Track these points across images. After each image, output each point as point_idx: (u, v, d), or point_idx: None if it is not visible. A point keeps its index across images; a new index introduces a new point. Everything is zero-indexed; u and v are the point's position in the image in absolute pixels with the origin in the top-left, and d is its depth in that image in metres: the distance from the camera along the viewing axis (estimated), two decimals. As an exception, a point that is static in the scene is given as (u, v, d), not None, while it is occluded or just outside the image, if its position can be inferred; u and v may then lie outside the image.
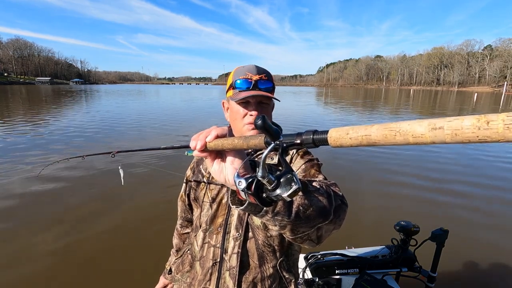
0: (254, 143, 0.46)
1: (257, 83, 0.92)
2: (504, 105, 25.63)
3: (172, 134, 9.13)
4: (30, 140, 7.98)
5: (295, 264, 1.04)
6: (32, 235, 3.19)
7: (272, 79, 0.98)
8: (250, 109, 0.92)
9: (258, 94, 0.90)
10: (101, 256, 2.83)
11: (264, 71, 0.95)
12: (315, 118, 14.35)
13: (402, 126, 0.29)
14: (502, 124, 0.22)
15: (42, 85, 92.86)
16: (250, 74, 0.93)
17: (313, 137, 0.38)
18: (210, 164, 0.54)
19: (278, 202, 0.55)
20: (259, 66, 0.96)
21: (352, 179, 5.15)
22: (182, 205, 1.21)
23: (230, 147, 0.49)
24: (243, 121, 0.93)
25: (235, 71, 0.98)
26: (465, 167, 5.95)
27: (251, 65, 0.96)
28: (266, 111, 0.96)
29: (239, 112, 0.93)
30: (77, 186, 4.63)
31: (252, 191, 0.43)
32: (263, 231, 0.94)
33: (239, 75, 0.94)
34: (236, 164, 0.52)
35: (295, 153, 0.97)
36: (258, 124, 0.40)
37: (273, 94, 0.97)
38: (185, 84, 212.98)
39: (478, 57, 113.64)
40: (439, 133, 0.26)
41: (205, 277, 0.97)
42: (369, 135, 0.32)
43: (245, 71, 0.94)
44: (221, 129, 0.52)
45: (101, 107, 18.81)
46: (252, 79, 0.92)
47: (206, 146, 0.51)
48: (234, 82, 0.94)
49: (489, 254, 2.94)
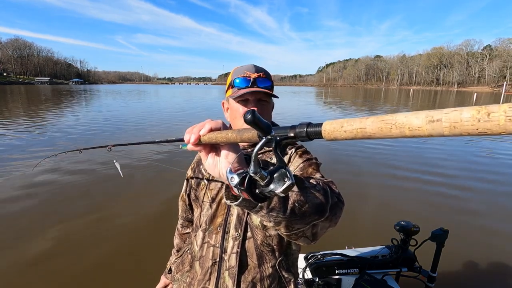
0: (247, 136, 0.45)
1: (255, 81, 0.93)
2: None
3: (176, 131, 9.18)
4: (35, 136, 7.97)
5: (294, 264, 1.04)
6: (32, 235, 3.19)
7: (270, 78, 0.98)
8: (249, 107, 0.92)
9: (257, 91, 0.91)
10: (101, 256, 2.83)
11: (262, 70, 0.96)
12: (315, 117, 14.36)
13: (398, 119, 0.28)
14: (504, 115, 0.22)
15: (41, 85, 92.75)
16: (249, 72, 0.94)
17: (306, 130, 0.37)
18: (205, 158, 0.53)
19: (273, 198, 0.55)
20: (258, 65, 0.97)
21: (351, 179, 5.15)
22: (182, 205, 1.22)
23: (224, 141, 0.48)
24: (242, 119, 0.93)
25: (234, 70, 0.99)
26: (466, 167, 5.95)
27: (249, 65, 0.97)
28: (266, 109, 0.96)
29: (238, 111, 0.94)
30: (75, 182, 4.63)
31: (244, 187, 0.42)
32: (262, 230, 0.94)
33: (237, 74, 0.95)
34: (230, 158, 0.51)
35: (294, 153, 0.97)
36: (248, 119, 0.39)
37: (272, 92, 0.98)
38: (185, 84, 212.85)
39: (477, 57, 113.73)
40: (437, 125, 0.25)
41: (205, 276, 0.97)
42: (364, 128, 0.31)
43: (243, 70, 0.95)
44: (215, 122, 0.51)
45: (107, 106, 18.80)
46: (250, 77, 0.93)
47: (200, 140, 0.51)
48: (233, 81, 0.95)
49: (489, 254, 2.94)
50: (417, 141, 8.39)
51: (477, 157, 6.85)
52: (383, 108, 21.27)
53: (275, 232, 0.95)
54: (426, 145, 7.91)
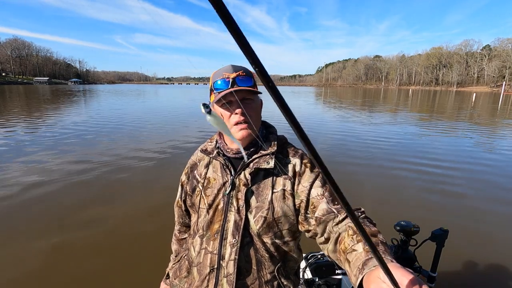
0: None
1: (235, 80, 0.90)
2: (503, 105, 25.72)
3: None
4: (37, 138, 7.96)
5: (293, 271, 1.03)
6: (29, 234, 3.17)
7: (251, 75, 0.95)
8: (234, 108, 0.90)
9: (238, 90, 0.88)
10: (101, 260, 2.82)
11: (241, 68, 0.94)
12: (316, 117, 14.35)
13: None
14: None
15: (40, 85, 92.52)
16: (227, 73, 0.91)
17: None
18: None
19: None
20: (236, 65, 0.95)
21: (351, 179, 5.14)
22: (178, 211, 1.19)
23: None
24: (230, 122, 0.91)
25: (213, 75, 0.96)
26: (466, 167, 5.95)
27: (227, 65, 0.95)
28: (252, 108, 0.93)
29: (224, 114, 0.92)
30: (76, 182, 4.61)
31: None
32: (259, 237, 0.93)
33: (216, 77, 0.93)
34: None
35: (301, 164, 0.96)
36: None
37: (256, 89, 0.95)
38: (184, 84, 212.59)
39: (476, 57, 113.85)
40: None
41: (203, 283, 0.96)
42: None
43: (221, 72, 0.93)
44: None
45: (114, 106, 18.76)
46: (229, 78, 0.90)
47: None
48: (213, 85, 0.93)
49: (489, 254, 2.94)
50: (417, 140, 8.40)
51: (479, 156, 6.85)
52: (383, 108, 21.28)
53: (273, 240, 0.94)
54: (427, 147, 7.91)
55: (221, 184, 0.97)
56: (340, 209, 0.85)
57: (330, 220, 0.84)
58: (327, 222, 0.85)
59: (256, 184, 0.94)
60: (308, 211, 0.90)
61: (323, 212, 0.86)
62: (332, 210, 0.85)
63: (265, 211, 0.92)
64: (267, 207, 0.92)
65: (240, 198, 0.93)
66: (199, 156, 1.09)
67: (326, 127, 11.13)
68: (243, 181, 0.94)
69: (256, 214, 0.92)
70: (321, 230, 0.86)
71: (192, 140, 8.23)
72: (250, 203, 0.93)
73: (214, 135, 1.09)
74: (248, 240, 0.93)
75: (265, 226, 0.92)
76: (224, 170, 0.98)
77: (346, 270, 0.68)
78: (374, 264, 0.59)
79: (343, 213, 0.83)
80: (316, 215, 0.87)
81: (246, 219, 0.92)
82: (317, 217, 0.87)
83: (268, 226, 0.92)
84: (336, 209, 0.85)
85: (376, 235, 0.73)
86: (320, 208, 0.87)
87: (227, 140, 1.01)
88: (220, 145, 1.02)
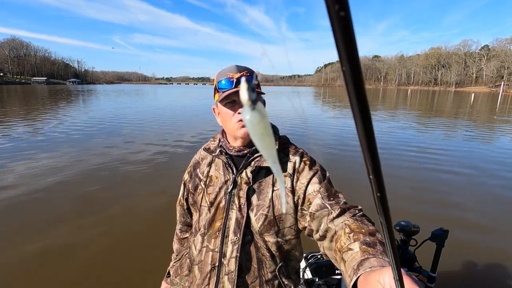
0: None
1: (239, 80, 0.92)
2: (501, 105, 25.80)
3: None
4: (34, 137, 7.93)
5: (294, 270, 1.04)
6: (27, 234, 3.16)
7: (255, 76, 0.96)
8: (237, 108, 0.92)
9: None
10: (101, 260, 2.81)
11: (245, 69, 0.95)
12: (315, 117, 14.36)
13: None
14: None
15: (38, 85, 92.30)
16: (231, 73, 0.93)
17: None
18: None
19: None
20: (240, 65, 0.96)
21: (350, 178, 5.14)
22: (180, 210, 1.20)
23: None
24: (232, 120, 0.93)
25: (217, 75, 0.98)
26: (466, 167, 5.96)
27: (231, 66, 0.97)
28: None
29: (228, 113, 0.94)
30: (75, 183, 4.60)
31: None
32: (261, 236, 0.94)
33: (221, 77, 0.94)
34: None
35: (300, 162, 0.96)
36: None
37: (259, 90, 0.96)
38: (183, 84, 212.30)
39: (475, 57, 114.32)
40: None
41: (204, 281, 0.96)
42: None
43: (226, 72, 0.94)
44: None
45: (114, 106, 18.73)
46: (233, 78, 0.92)
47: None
48: (218, 85, 0.95)
49: (489, 254, 2.94)
50: (416, 138, 8.41)
51: (480, 157, 6.86)
52: (382, 107, 21.32)
53: (274, 239, 0.95)
54: (426, 143, 7.93)
55: (223, 182, 0.99)
56: (334, 205, 0.84)
57: (324, 216, 0.83)
58: (321, 218, 0.84)
59: (258, 182, 0.96)
60: (304, 207, 0.91)
61: (317, 207, 0.86)
62: (326, 205, 0.85)
63: (266, 209, 0.93)
64: (267, 205, 0.93)
65: (242, 196, 0.94)
66: (202, 155, 1.10)
67: (327, 125, 11.14)
68: (245, 179, 0.95)
69: (257, 212, 0.93)
70: (315, 226, 0.85)
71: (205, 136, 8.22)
72: (251, 201, 0.94)
73: (217, 134, 1.10)
74: (249, 238, 0.94)
75: (266, 224, 0.93)
76: (226, 168, 0.99)
77: (341, 270, 0.66)
78: (370, 265, 0.57)
79: (337, 209, 0.82)
80: (310, 210, 0.88)
81: (248, 217, 0.93)
82: (311, 213, 0.87)
83: (269, 224, 0.93)
84: (330, 204, 0.85)
85: (374, 234, 0.72)
86: (314, 203, 0.87)
87: (230, 138, 1.02)
88: (223, 143, 1.03)
